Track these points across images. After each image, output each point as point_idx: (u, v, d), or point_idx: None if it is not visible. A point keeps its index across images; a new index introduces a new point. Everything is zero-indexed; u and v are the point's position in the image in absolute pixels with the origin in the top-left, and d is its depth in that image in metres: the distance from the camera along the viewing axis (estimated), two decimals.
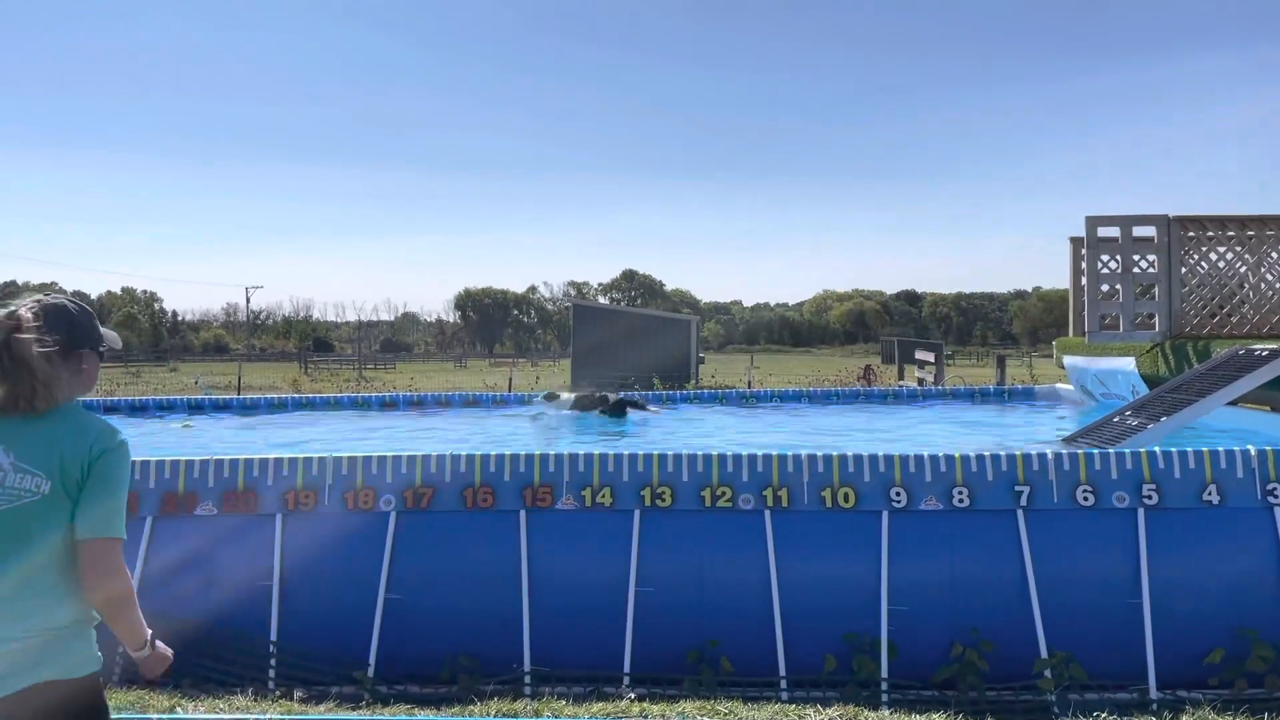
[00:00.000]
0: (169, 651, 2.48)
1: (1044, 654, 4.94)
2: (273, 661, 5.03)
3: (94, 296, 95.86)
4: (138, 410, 12.28)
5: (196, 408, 12.48)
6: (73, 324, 2.40)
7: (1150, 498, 5.12)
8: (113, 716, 4.18)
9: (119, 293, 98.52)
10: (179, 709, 4.39)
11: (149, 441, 9.34)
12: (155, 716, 4.26)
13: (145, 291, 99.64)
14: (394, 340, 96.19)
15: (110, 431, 2.37)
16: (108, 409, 11.91)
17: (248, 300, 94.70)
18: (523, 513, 5.27)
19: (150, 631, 2.43)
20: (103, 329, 2.51)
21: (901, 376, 26.34)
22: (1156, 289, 10.38)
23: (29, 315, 2.30)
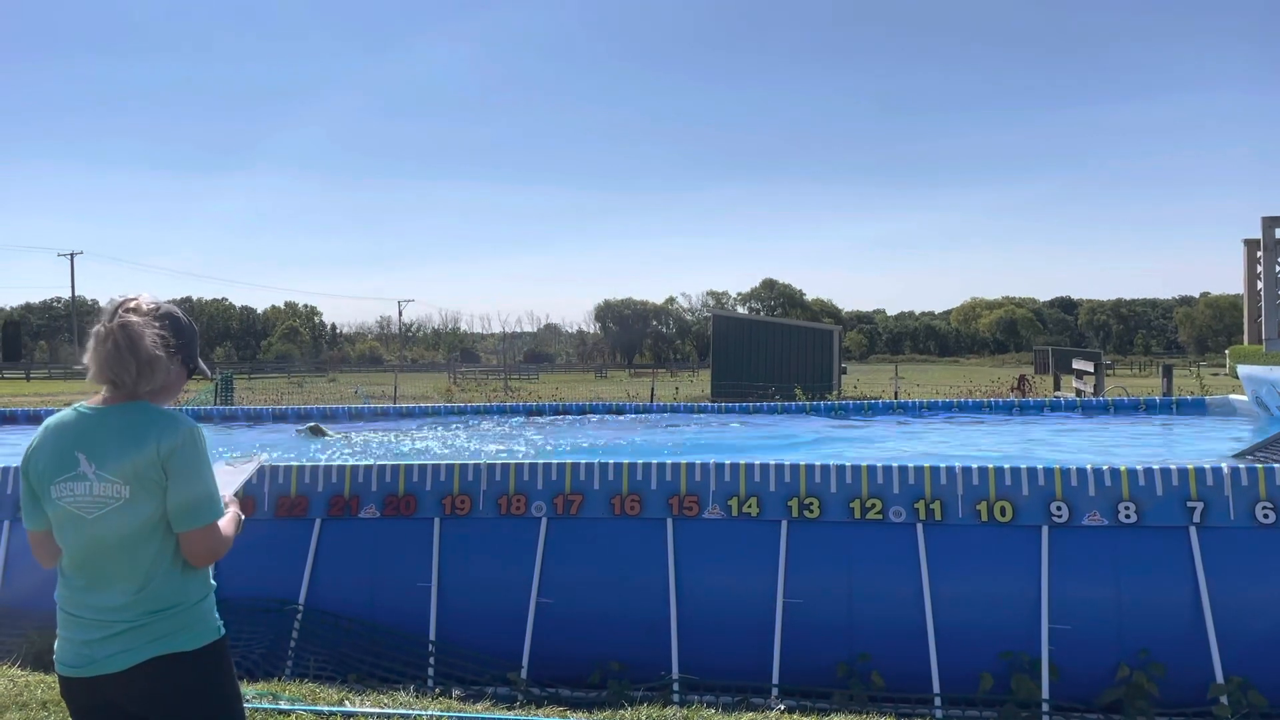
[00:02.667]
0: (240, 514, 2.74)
1: (1219, 679, 4.68)
2: (431, 660, 5.23)
3: (259, 311, 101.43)
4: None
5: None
6: (179, 329, 2.52)
7: None
8: (285, 707, 4.44)
9: (282, 307, 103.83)
10: (347, 702, 4.60)
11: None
12: (325, 708, 4.48)
13: (306, 306, 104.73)
14: (537, 351, 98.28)
15: (173, 424, 2.39)
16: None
17: (400, 313, 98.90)
18: (669, 521, 5.32)
19: (229, 514, 2.59)
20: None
21: (1058, 387, 25.32)
22: None
23: (144, 305, 2.47)
